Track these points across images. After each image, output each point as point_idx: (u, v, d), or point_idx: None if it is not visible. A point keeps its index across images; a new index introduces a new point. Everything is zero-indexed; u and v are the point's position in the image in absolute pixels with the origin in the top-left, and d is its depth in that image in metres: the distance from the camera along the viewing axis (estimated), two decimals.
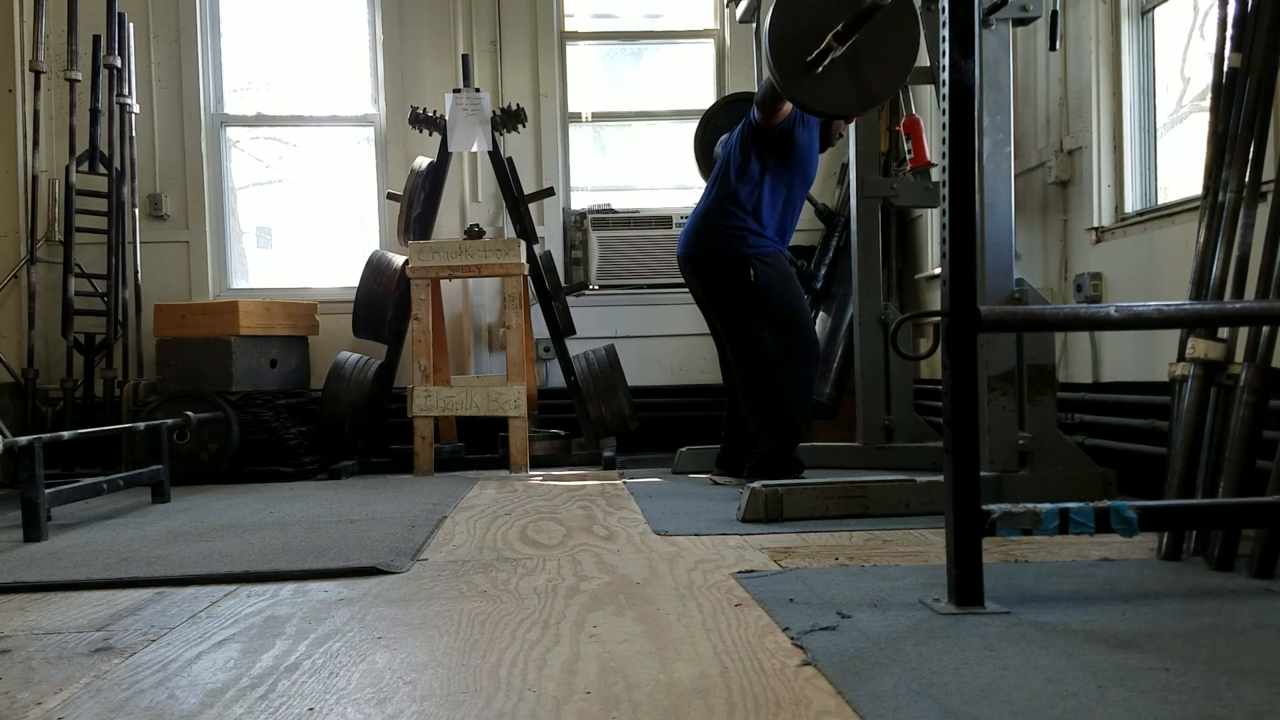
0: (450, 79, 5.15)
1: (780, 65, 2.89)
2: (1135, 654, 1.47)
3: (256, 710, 1.34)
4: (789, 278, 3.53)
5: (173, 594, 2.11)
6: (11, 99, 4.96)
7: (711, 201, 3.58)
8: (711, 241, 3.53)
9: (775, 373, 3.44)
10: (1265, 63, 2.23)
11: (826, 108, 3.06)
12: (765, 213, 3.50)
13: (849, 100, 2.95)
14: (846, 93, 2.91)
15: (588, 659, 1.52)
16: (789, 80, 2.90)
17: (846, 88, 2.89)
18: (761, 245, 3.47)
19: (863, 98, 2.96)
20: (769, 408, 3.46)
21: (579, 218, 5.41)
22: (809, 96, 2.94)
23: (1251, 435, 2.09)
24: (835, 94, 2.91)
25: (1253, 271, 2.20)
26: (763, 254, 3.46)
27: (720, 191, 3.56)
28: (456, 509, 3.27)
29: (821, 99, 2.94)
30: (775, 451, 3.45)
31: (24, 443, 2.82)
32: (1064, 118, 3.68)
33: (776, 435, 3.46)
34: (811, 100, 2.96)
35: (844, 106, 3.04)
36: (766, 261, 3.46)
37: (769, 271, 3.45)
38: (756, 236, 3.47)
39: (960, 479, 1.73)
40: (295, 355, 4.89)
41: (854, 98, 2.94)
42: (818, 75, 2.86)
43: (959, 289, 1.75)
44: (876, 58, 2.89)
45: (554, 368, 5.16)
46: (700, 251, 3.56)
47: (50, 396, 4.86)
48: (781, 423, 3.45)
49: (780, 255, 3.54)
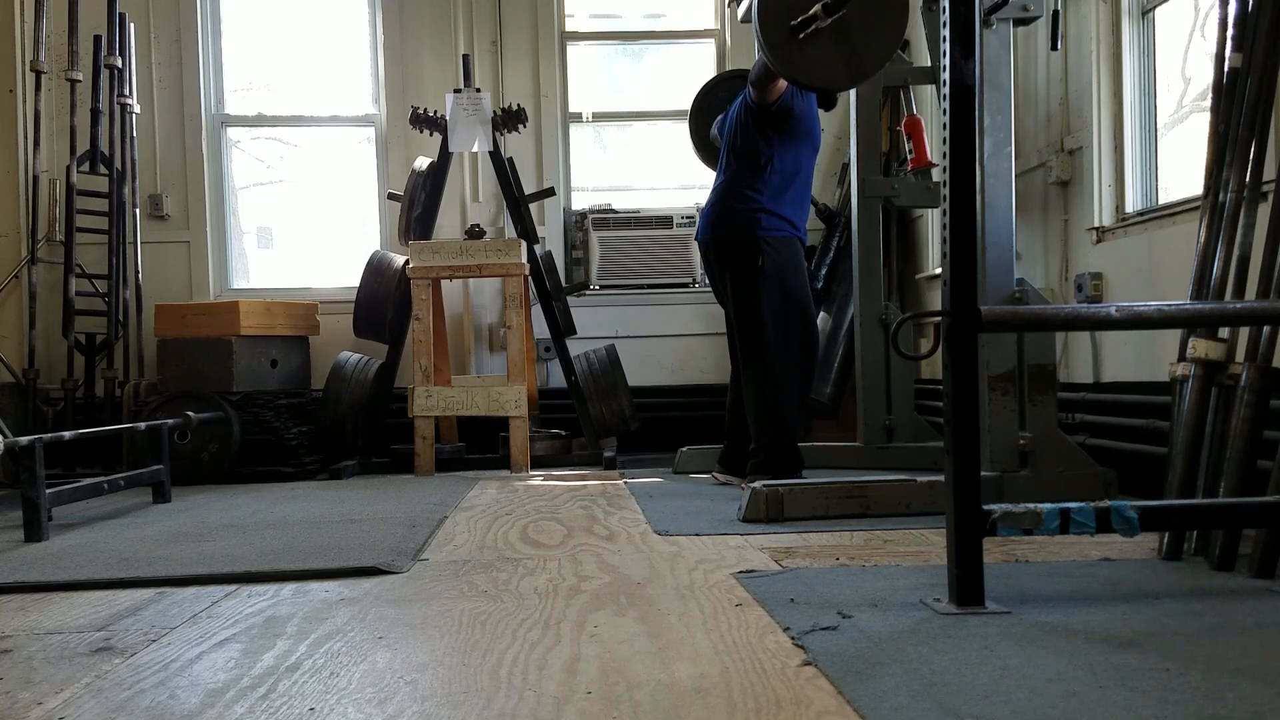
0: (451, 79, 5.16)
1: (768, 35, 2.87)
2: (1136, 654, 1.47)
3: (257, 710, 1.34)
4: (797, 265, 3.49)
5: (174, 594, 2.11)
6: (12, 99, 4.97)
7: (725, 185, 3.56)
8: (727, 225, 3.51)
9: (772, 361, 3.42)
10: (1266, 63, 2.23)
11: (815, 80, 3.03)
12: (780, 190, 3.47)
13: (838, 73, 2.93)
14: (835, 65, 2.88)
15: (588, 659, 1.53)
16: (776, 53, 2.88)
17: (835, 60, 2.86)
18: (775, 228, 3.44)
19: (852, 71, 2.93)
20: (764, 398, 3.44)
21: (580, 218, 5.41)
22: (796, 70, 2.92)
23: (1252, 435, 2.09)
24: (824, 66, 2.88)
25: (1253, 271, 2.20)
26: (775, 238, 3.44)
27: (732, 174, 3.54)
28: (457, 509, 3.27)
29: (809, 71, 2.92)
30: (771, 445, 3.43)
31: (25, 443, 2.82)
32: (1065, 117, 3.68)
33: (770, 427, 3.43)
34: (798, 73, 2.94)
35: (833, 80, 3.01)
36: (776, 246, 3.44)
37: (777, 257, 3.43)
38: (770, 217, 3.44)
39: (961, 479, 1.73)
40: (296, 355, 4.89)
41: (843, 71, 2.91)
42: (805, 46, 2.83)
43: (960, 289, 1.75)
44: (866, 28, 2.85)
45: (555, 368, 5.16)
46: (717, 237, 3.55)
47: (51, 396, 4.86)
48: (773, 414, 3.42)
49: (793, 241, 3.50)
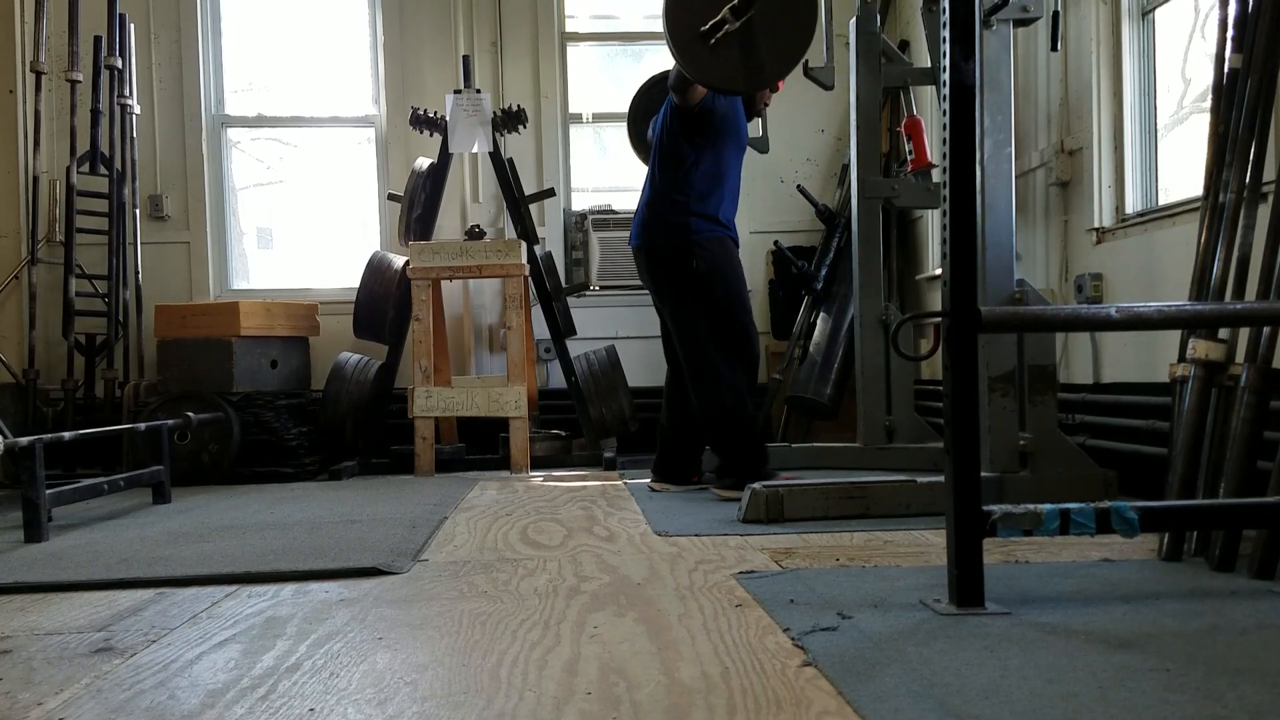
0: (451, 80, 5.16)
1: (674, 34, 2.96)
2: (1136, 654, 1.47)
3: (257, 711, 1.34)
4: (731, 263, 3.49)
5: (173, 594, 2.11)
6: (12, 100, 4.97)
7: (653, 191, 3.57)
8: (658, 229, 3.51)
9: (716, 361, 3.41)
10: (1266, 64, 2.23)
11: (715, 82, 3.11)
12: (705, 191, 3.46)
13: (737, 79, 3.03)
14: (736, 71, 2.98)
15: (588, 659, 1.52)
16: (682, 51, 2.97)
17: (737, 66, 2.97)
18: (704, 230, 3.44)
19: (751, 78, 3.05)
20: (714, 401, 3.42)
21: (580, 218, 5.41)
22: (699, 69, 3.01)
23: (1252, 436, 2.09)
24: (725, 70, 2.98)
25: (1253, 272, 2.20)
26: (706, 239, 3.44)
27: (659, 179, 3.55)
28: (457, 510, 3.27)
29: (711, 73, 3.01)
30: (732, 447, 3.41)
31: (25, 443, 2.82)
32: (1065, 118, 3.68)
33: (726, 430, 3.41)
34: (700, 73, 3.03)
35: (732, 84, 3.11)
36: (708, 246, 3.44)
37: (710, 257, 3.43)
38: (699, 220, 3.45)
39: (961, 480, 1.73)
40: (296, 356, 4.89)
41: (742, 77, 3.01)
42: (711, 49, 2.93)
43: (960, 290, 1.75)
44: (772, 40, 2.96)
45: (555, 368, 5.17)
46: (649, 243, 3.55)
47: (51, 397, 4.86)
48: (727, 415, 3.40)
49: (725, 240, 3.50)
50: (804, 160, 5.46)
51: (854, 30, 4.11)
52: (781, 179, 5.39)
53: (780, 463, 4.23)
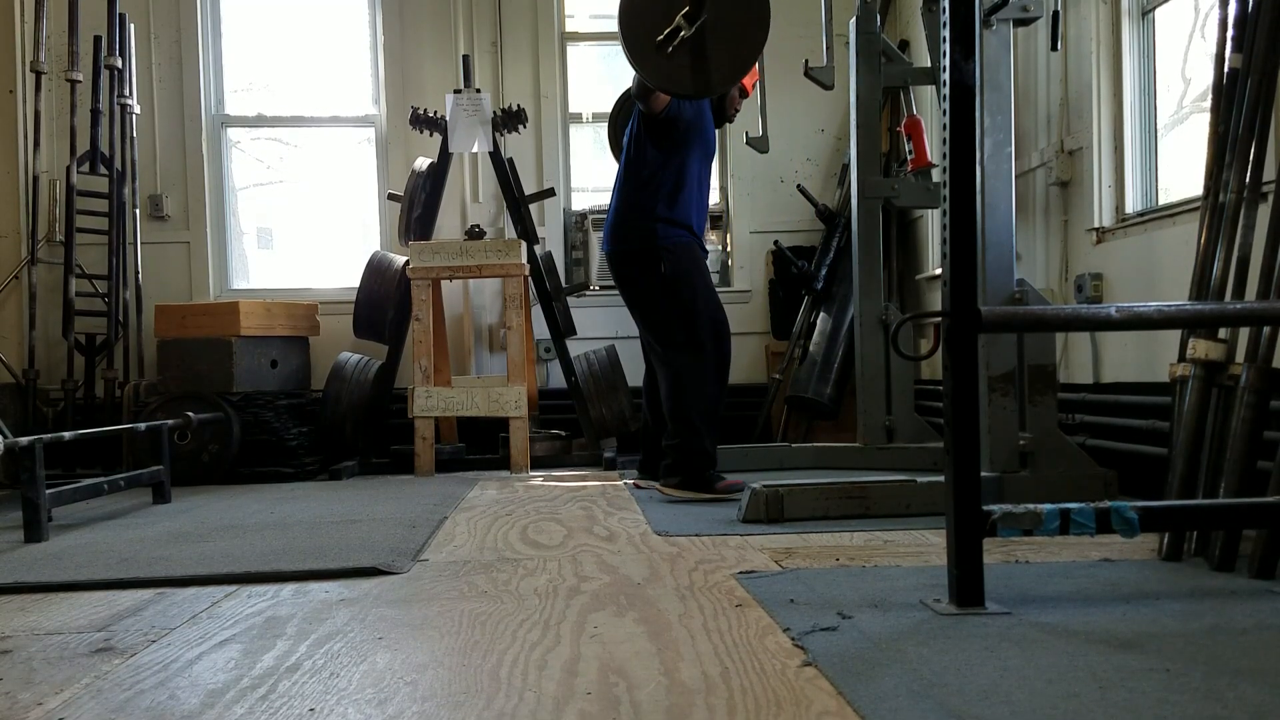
0: (451, 80, 5.16)
1: (630, 43, 3.06)
2: (1136, 655, 1.47)
3: (257, 711, 1.34)
4: (698, 268, 3.52)
5: (174, 594, 2.11)
6: (12, 100, 4.97)
7: (621, 197, 3.60)
8: (627, 236, 3.54)
9: (682, 364, 3.43)
10: (1266, 64, 2.23)
11: (665, 85, 3.19)
12: (673, 197, 3.50)
13: (684, 82, 3.12)
14: (684, 74, 3.09)
15: (589, 659, 1.52)
16: (640, 60, 3.07)
17: (685, 70, 3.08)
18: (672, 236, 3.48)
19: (699, 82, 3.13)
20: (674, 401, 3.44)
21: (580, 218, 5.41)
22: (656, 75, 3.11)
23: (1252, 436, 2.09)
24: (674, 74, 3.09)
25: (1253, 272, 2.20)
26: (673, 244, 3.47)
27: (627, 186, 3.57)
28: (457, 509, 3.27)
29: (661, 77, 3.11)
30: (679, 448, 3.42)
31: (25, 443, 2.82)
32: (1065, 118, 3.68)
33: (679, 429, 3.43)
34: (651, 75, 3.12)
35: (679, 88, 3.19)
36: (675, 251, 3.47)
37: (676, 262, 3.46)
38: (667, 226, 3.48)
39: (961, 479, 1.73)
40: (296, 356, 4.89)
41: (689, 81, 3.11)
42: (668, 56, 3.03)
43: (960, 289, 1.75)
44: (724, 48, 3.07)
45: (555, 368, 5.17)
46: (618, 248, 3.58)
47: (51, 397, 4.86)
48: (682, 416, 3.41)
49: (692, 246, 3.53)
50: (804, 160, 5.46)
51: (854, 30, 4.11)
52: (781, 179, 5.39)
53: (780, 462, 4.24)
